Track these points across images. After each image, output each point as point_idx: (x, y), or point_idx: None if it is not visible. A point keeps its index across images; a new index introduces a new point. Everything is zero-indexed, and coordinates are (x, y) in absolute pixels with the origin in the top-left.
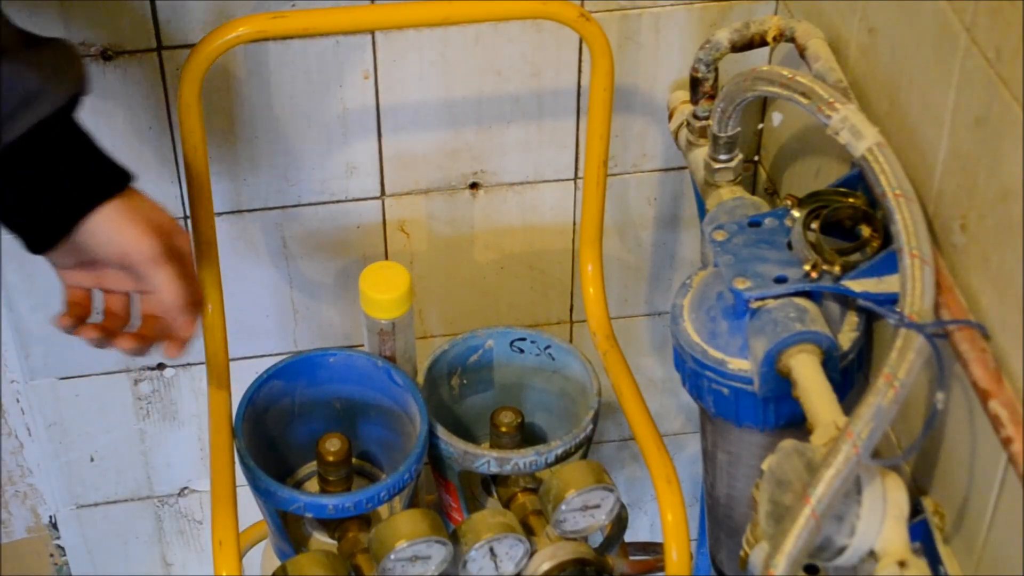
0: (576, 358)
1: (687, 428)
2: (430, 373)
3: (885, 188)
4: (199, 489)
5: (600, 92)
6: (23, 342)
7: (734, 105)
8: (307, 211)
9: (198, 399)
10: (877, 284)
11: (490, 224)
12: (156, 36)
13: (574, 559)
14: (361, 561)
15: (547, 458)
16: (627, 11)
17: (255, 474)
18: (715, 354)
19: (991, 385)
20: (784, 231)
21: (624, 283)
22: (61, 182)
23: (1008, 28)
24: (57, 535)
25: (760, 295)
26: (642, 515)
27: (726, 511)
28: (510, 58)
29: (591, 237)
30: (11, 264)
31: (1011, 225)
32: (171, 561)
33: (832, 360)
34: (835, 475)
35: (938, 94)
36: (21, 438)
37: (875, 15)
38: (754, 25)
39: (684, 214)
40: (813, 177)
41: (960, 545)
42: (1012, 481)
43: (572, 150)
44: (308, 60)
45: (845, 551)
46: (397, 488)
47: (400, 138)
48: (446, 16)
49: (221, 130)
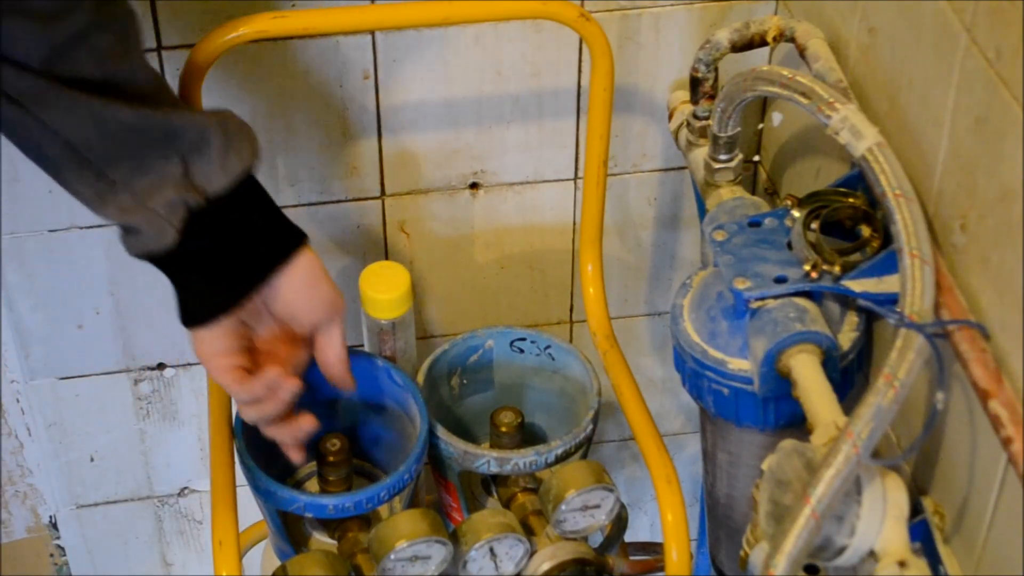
0: (576, 358)
1: (687, 428)
2: (430, 373)
3: (885, 188)
4: (199, 489)
5: (600, 92)
6: (23, 342)
7: (734, 105)
8: (307, 211)
9: (198, 399)
10: (877, 284)
11: (490, 224)
12: (156, 36)
13: (574, 559)
14: (361, 561)
15: (547, 458)
16: (627, 11)
17: (255, 474)
18: (715, 354)
19: (991, 385)
20: (784, 231)
21: (624, 283)
22: (255, 238)
23: (1008, 28)
24: (57, 535)
25: (760, 295)
26: (642, 515)
27: (726, 511)
28: (510, 58)
29: (591, 237)
30: (11, 264)
31: (1011, 225)
32: (171, 561)
33: (832, 360)
34: (835, 475)
35: (938, 94)
36: (21, 438)
37: (875, 15)
38: (754, 25)
39: (684, 214)
40: (813, 177)
41: (960, 545)
42: (1012, 481)
43: (572, 150)
44: (308, 60)
45: (845, 551)
46: (397, 488)
47: (400, 138)
48: (446, 16)
49: None
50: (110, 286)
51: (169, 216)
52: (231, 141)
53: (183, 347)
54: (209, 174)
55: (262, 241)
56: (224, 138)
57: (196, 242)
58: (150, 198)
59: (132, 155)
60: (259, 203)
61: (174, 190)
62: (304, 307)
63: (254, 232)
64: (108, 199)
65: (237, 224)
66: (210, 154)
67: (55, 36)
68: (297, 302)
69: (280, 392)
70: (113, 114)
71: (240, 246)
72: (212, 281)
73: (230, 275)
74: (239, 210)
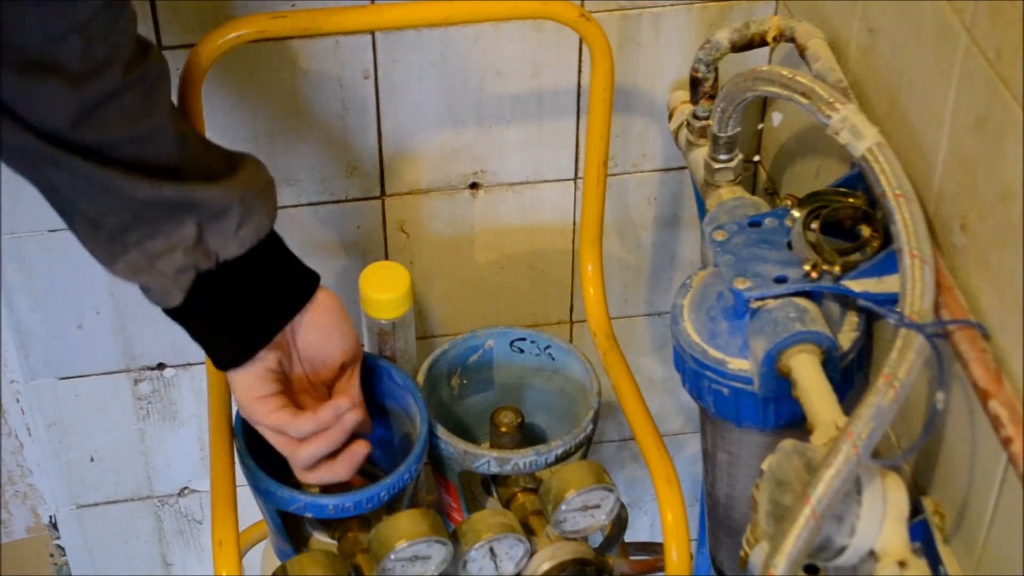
0: (576, 358)
1: (687, 428)
2: (430, 373)
3: (885, 188)
4: (199, 489)
5: (600, 92)
6: (23, 342)
7: (734, 105)
8: (307, 211)
9: (198, 399)
10: (877, 284)
11: (490, 224)
12: (156, 36)
13: (574, 559)
14: (361, 561)
15: (547, 458)
16: (627, 11)
17: (255, 474)
18: (715, 354)
19: (991, 385)
20: (784, 231)
21: (624, 283)
22: (268, 290)
23: (1008, 28)
24: (57, 535)
25: (760, 295)
26: (642, 515)
27: (726, 511)
28: (510, 58)
29: (591, 237)
30: (11, 264)
31: (1011, 225)
32: (171, 561)
33: (832, 360)
34: (835, 475)
35: (938, 94)
36: (21, 438)
37: (875, 15)
38: (754, 25)
39: (684, 214)
40: (813, 177)
41: (960, 545)
42: (1012, 481)
43: (572, 150)
44: (308, 60)
45: (845, 551)
46: (397, 488)
47: (400, 138)
48: (446, 16)
49: (221, 130)
50: (110, 286)
51: (176, 279)
52: (250, 213)
53: (183, 347)
54: (223, 242)
55: (277, 292)
56: (243, 210)
57: (203, 303)
58: (160, 260)
59: (148, 223)
60: (272, 254)
61: (184, 255)
62: (334, 347)
63: (266, 285)
64: (119, 258)
65: (249, 280)
66: (227, 225)
67: (85, 97)
68: (324, 342)
69: (345, 421)
70: (131, 190)
71: (253, 300)
72: (223, 334)
73: (244, 327)
74: (250, 267)
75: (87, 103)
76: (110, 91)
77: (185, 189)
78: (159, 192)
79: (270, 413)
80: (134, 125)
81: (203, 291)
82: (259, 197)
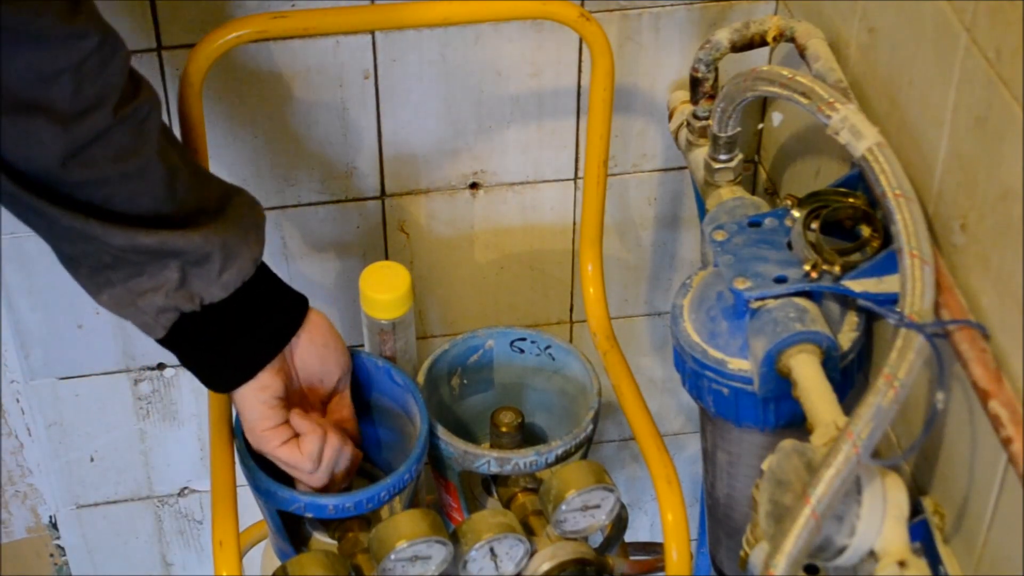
0: (576, 358)
1: (687, 428)
2: (430, 373)
3: (885, 188)
4: (199, 489)
5: (600, 92)
6: (23, 342)
7: (734, 105)
8: (307, 211)
9: (198, 399)
10: (877, 284)
11: (490, 224)
12: (156, 36)
13: (574, 559)
14: (361, 561)
15: (547, 458)
16: (627, 11)
17: (255, 474)
18: (715, 354)
19: (991, 385)
20: (784, 231)
21: (624, 283)
22: (263, 319)
23: (1008, 28)
24: (57, 535)
25: (760, 295)
26: (642, 515)
27: (726, 511)
28: (510, 58)
29: (591, 237)
30: (11, 264)
31: (1011, 225)
32: (171, 561)
33: (832, 360)
34: (835, 475)
35: (938, 94)
36: (21, 438)
37: (875, 15)
38: (754, 25)
39: (684, 214)
40: (813, 177)
41: (960, 545)
42: (1012, 481)
43: (572, 150)
44: (308, 60)
45: (845, 551)
46: (397, 488)
47: (400, 138)
48: (446, 16)
49: (221, 130)
50: None
51: (158, 318)
52: (232, 258)
53: None
54: (206, 286)
55: (264, 325)
56: (224, 255)
57: (186, 338)
58: (142, 298)
59: (131, 265)
60: (257, 288)
61: (167, 297)
62: (333, 364)
63: (252, 319)
64: (104, 291)
65: (235, 316)
66: (210, 270)
67: (75, 136)
68: (323, 362)
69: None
70: (110, 238)
71: (239, 334)
72: (208, 364)
73: (227, 361)
74: (235, 306)
75: (77, 143)
76: (100, 130)
77: (164, 237)
78: (137, 241)
79: (279, 447)
80: (123, 163)
81: (187, 328)
82: (244, 240)
